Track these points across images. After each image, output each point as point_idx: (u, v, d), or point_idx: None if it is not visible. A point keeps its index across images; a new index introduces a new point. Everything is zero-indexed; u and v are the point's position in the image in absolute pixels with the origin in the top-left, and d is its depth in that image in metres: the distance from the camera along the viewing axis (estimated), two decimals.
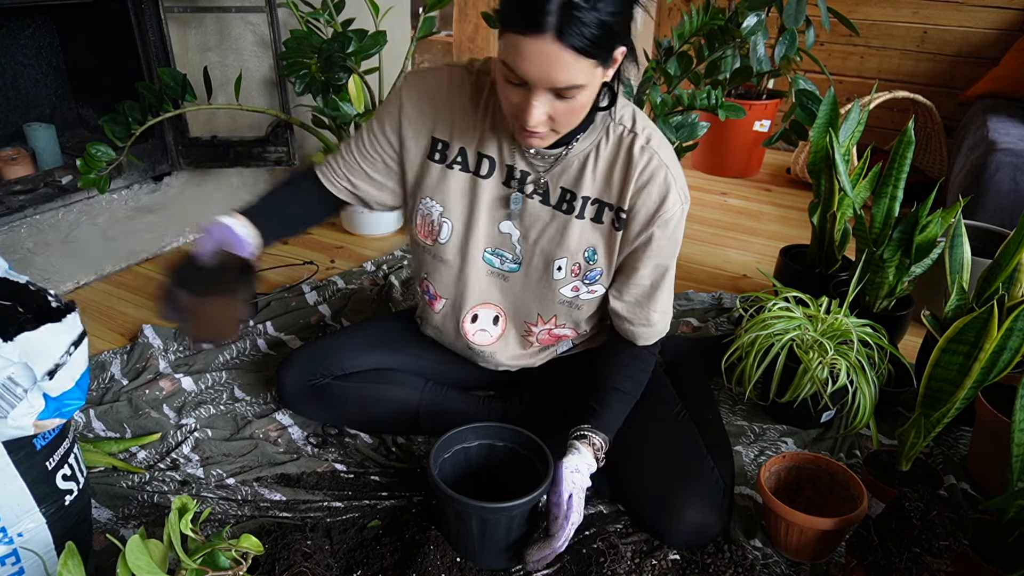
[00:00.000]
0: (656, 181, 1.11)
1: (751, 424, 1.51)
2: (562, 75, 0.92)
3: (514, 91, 0.98)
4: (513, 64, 0.93)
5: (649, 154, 1.11)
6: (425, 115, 1.18)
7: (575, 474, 1.09)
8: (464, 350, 1.36)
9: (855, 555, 1.07)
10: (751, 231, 2.57)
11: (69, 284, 2.03)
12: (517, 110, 1.00)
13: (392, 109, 1.19)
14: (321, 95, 2.04)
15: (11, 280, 1.02)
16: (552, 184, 1.17)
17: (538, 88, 0.95)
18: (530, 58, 0.91)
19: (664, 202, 1.12)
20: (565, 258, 1.20)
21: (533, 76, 0.93)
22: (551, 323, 1.28)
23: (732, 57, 1.99)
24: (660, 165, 1.11)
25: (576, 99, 0.97)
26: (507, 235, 1.22)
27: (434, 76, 1.17)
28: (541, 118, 0.98)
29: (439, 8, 2.13)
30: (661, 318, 1.23)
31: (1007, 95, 2.61)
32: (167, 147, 2.16)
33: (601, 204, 1.16)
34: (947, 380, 1.18)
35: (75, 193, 1.98)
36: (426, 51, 5.07)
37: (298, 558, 1.02)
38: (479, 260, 1.24)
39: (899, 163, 1.58)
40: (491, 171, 1.19)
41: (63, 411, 0.93)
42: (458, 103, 1.16)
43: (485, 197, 1.20)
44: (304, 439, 1.44)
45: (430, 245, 1.25)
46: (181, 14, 2.10)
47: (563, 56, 0.90)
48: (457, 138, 1.18)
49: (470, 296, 1.27)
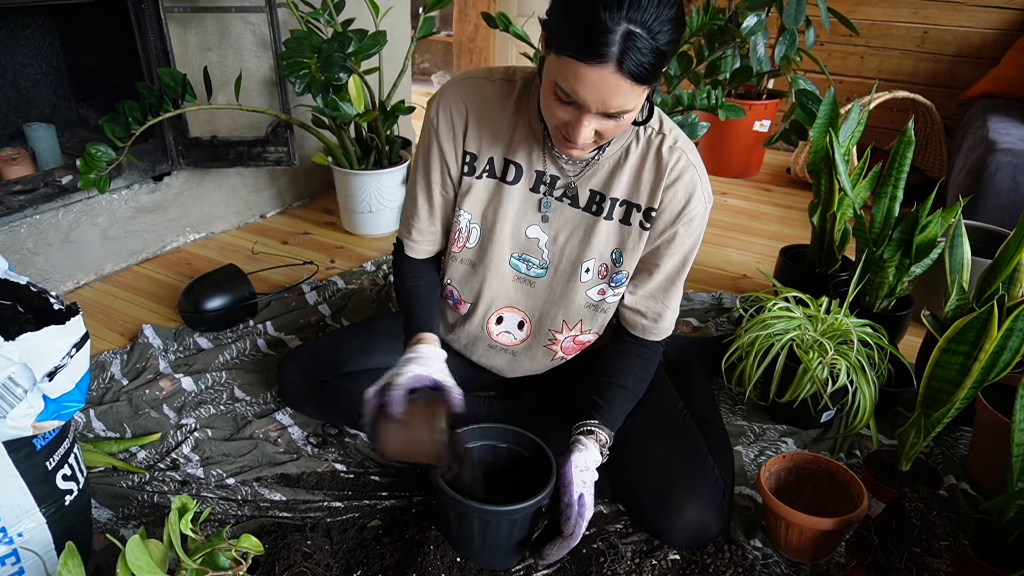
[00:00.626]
0: (683, 180, 1.14)
1: (751, 424, 1.51)
2: (618, 101, 0.94)
3: (564, 109, 0.99)
4: (570, 88, 0.94)
5: (678, 154, 1.14)
6: (456, 134, 1.19)
7: (584, 472, 1.09)
8: (485, 353, 1.35)
9: (855, 555, 1.07)
10: (751, 231, 2.57)
11: (69, 284, 2.03)
12: (565, 127, 1.01)
13: (432, 143, 1.20)
14: (321, 95, 2.04)
15: (11, 281, 1.02)
16: (581, 187, 1.18)
17: (589, 111, 0.96)
18: (588, 85, 0.92)
19: (690, 201, 1.14)
20: (593, 259, 1.21)
21: (589, 102, 0.94)
22: (576, 329, 1.28)
23: (732, 57, 1.99)
24: (688, 165, 1.14)
25: (624, 118, 0.99)
26: (534, 240, 1.22)
27: (455, 92, 1.18)
28: (590, 137, 1.00)
29: (439, 8, 2.13)
30: (671, 315, 1.25)
31: (1007, 95, 2.60)
32: (167, 147, 2.16)
33: (630, 205, 1.17)
34: (947, 380, 1.18)
35: (75, 193, 1.98)
36: (426, 51, 5.07)
37: (298, 558, 1.02)
38: (505, 265, 1.25)
39: (899, 163, 1.58)
40: (518, 177, 1.19)
41: (62, 413, 0.93)
42: (484, 114, 1.17)
43: (512, 203, 1.20)
44: (304, 439, 1.44)
45: (457, 252, 1.26)
46: (181, 14, 2.10)
47: (622, 85, 0.91)
48: (485, 148, 1.19)
49: (496, 300, 1.28)
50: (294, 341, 1.76)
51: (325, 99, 2.05)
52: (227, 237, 2.40)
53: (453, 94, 1.17)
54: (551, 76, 0.96)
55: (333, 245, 2.35)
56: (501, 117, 1.17)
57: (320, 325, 1.85)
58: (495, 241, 1.22)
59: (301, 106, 2.31)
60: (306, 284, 2.01)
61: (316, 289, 1.99)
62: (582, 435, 1.14)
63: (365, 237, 2.41)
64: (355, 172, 2.28)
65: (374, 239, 2.40)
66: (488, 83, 1.17)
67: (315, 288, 1.99)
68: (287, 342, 1.76)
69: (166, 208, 2.24)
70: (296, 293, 1.97)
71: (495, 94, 1.17)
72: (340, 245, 2.35)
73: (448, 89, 1.18)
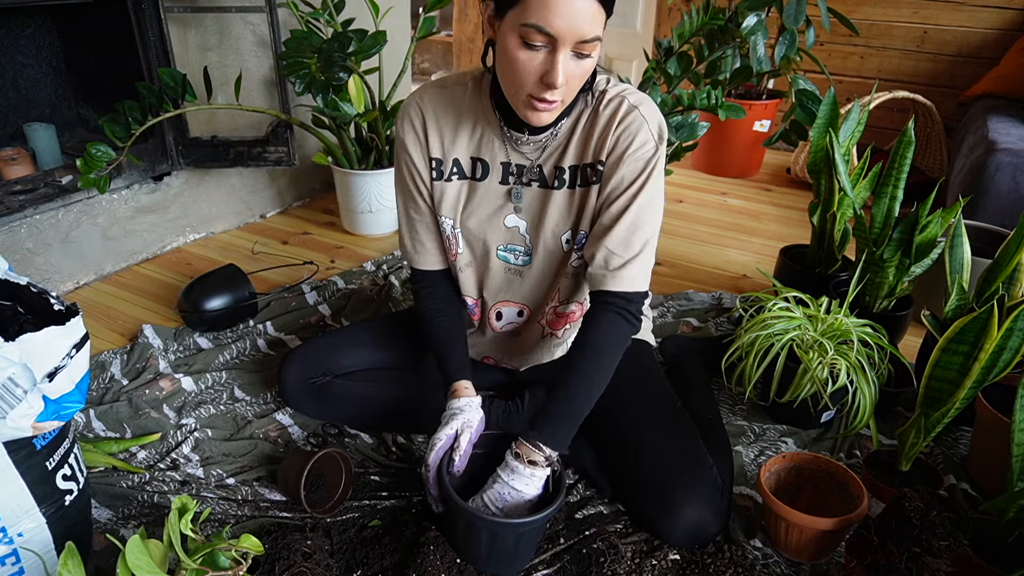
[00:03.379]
0: (626, 122, 1.13)
1: (751, 424, 1.51)
2: (588, 27, 0.96)
3: (534, 56, 1.00)
4: (543, 22, 0.95)
5: (618, 100, 1.14)
6: (420, 143, 1.22)
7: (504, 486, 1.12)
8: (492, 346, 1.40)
9: (855, 555, 1.07)
10: (751, 231, 2.57)
11: (69, 284, 2.03)
12: (537, 77, 1.01)
13: (403, 156, 1.24)
14: (321, 95, 2.04)
15: (11, 281, 1.02)
16: (546, 167, 1.20)
17: (564, 45, 0.97)
18: (560, 11, 0.94)
19: (634, 138, 1.12)
20: (569, 231, 1.23)
21: (563, 29, 0.95)
22: (555, 300, 1.31)
23: (732, 57, 1.99)
24: (630, 108, 1.13)
25: (590, 58, 1.01)
26: (514, 228, 1.25)
27: (412, 104, 1.22)
28: (563, 79, 1.00)
29: (439, 8, 2.13)
30: (635, 266, 1.15)
31: (1007, 95, 2.60)
32: (167, 147, 2.16)
33: (582, 167, 1.18)
34: (947, 380, 1.18)
35: (75, 193, 1.98)
36: (426, 51, 5.07)
37: (298, 558, 1.02)
38: (495, 258, 1.27)
39: (899, 163, 1.58)
40: (486, 172, 1.22)
41: (62, 414, 0.93)
42: (442, 119, 1.21)
43: (486, 198, 1.23)
44: (304, 439, 1.44)
45: (454, 260, 1.30)
46: (181, 14, 2.10)
47: (590, 7, 0.95)
48: (449, 151, 1.22)
49: (490, 295, 1.32)
50: (294, 341, 1.76)
51: (325, 99, 2.05)
52: (227, 237, 2.40)
53: (411, 106, 1.22)
54: (516, 26, 0.98)
55: (333, 245, 2.35)
56: (458, 119, 1.20)
57: (320, 325, 1.85)
58: (479, 238, 1.26)
59: (301, 106, 2.31)
60: (306, 284, 2.01)
61: (316, 289, 1.99)
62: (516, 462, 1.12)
63: (365, 237, 2.41)
64: (355, 172, 2.28)
65: (374, 239, 2.40)
66: (441, 90, 1.21)
67: (315, 288, 1.99)
68: (287, 342, 1.76)
69: (166, 208, 2.24)
70: (296, 293, 1.97)
71: (449, 98, 1.20)
72: (340, 245, 2.35)
73: (407, 103, 1.23)
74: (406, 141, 1.22)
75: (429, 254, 1.31)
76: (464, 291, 1.33)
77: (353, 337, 1.48)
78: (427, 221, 1.29)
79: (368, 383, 1.42)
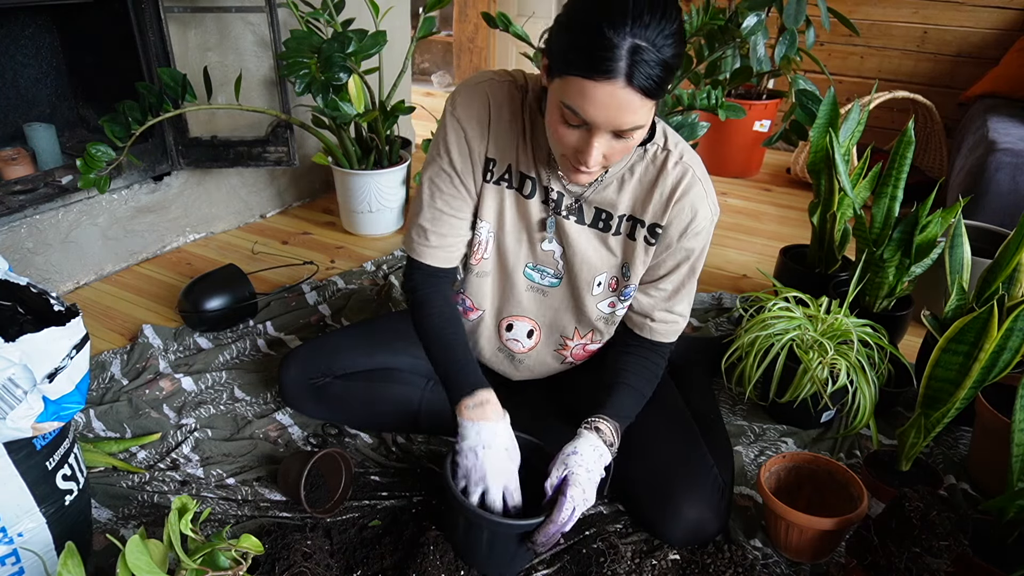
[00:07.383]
0: (690, 196, 1.13)
1: (751, 424, 1.51)
2: (629, 117, 0.92)
3: (572, 133, 0.97)
4: (579, 108, 0.92)
5: (682, 169, 1.13)
6: (480, 135, 1.15)
7: (572, 456, 1.08)
8: (494, 356, 1.36)
9: (855, 555, 1.07)
10: (751, 231, 2.57)
11: (69, 284, 2.03)
12: (573, 151, 1.00)
13: (454, 136, 1.15)
14: (321, 95, 2.04)
15: (11, 281, 1.02)
16: (587, 205, 1.18)
17: (600, 131, 0.95)
18: (598, 102, 0.91)
19: (696, 215, 1.13)
20: (604, 273, 1.21)
21: (600, 120, 0.93)
22: (587, 338, 1.29)
23: (732, 57, 1.99)
24: (694, 180, 1.13)
25: (633, 137, 0.97)
26: (549, 252, 1.22)
27: (479, 93, 1.13)
28: (600, 160, 0.99)
29: (439, 8, 2.13)
30: (679, 319, 1.24)
31: (1007, 95, 2.61)
32: (167, 147, 2.16)
33: (635, 220, 1.17)
34: (947, 380, 1.18)
35: (75, 193, 1.98)
36: (426, 51, 5.07)
37: (298, 558, 1.02)
38: (519, 275, 1.25)
39: (899, 163, 1.58)
40: (533, 191, 1.18)
41: (62, 414, 0.93)
42: (503, 121, 1.14)
43: (529, 216, 1.20)
44: (304, 439, 1.44)
45: (475, 264, 1.25)
46: (181, 14, 2.10)
47: (632, 100, 0.90)
48: (503, 156, 1.17)
49: (507, 308, 1.29)
50: (294, 341, 1.76)
51: (325, 99, 2.05)
52: (227, 237, 2.40)
53: (481, 95, 1.13)
54: (557, 100, 0.95)
55: (333, 245, 2.35)
56: (513, 128, 1.15)
57: (320, 325, 1.85)
58: (511, 250, 1.22)
59: (301, 106, 2.31)
60: (306, 284, 2.01)
61: (316, 289, 1.99)
62: (584, 428, 1.14)
63: (365, 237, 2.41)
64: (355, 172, 2.28)
65: (374, 239, 2.40)
66: (514, 88, 1.14)
67: (315, 288, 1.99)
68: (287, 342, 1.76)
69: (166, 208, 2.24)
70: (296, 293, 1.97)
71: (519, 104, 1.14)
72: (340, 245, 2.35)
73: (478, 88, 1.14)
74: (465, 128, 1.13)
75: (445, 250, 1.21)
76: (472, 297, 1.29)
77: (353, 337, 1.48)
78: (457, 216, 1.19)
79: (368, 383, 1.41)
